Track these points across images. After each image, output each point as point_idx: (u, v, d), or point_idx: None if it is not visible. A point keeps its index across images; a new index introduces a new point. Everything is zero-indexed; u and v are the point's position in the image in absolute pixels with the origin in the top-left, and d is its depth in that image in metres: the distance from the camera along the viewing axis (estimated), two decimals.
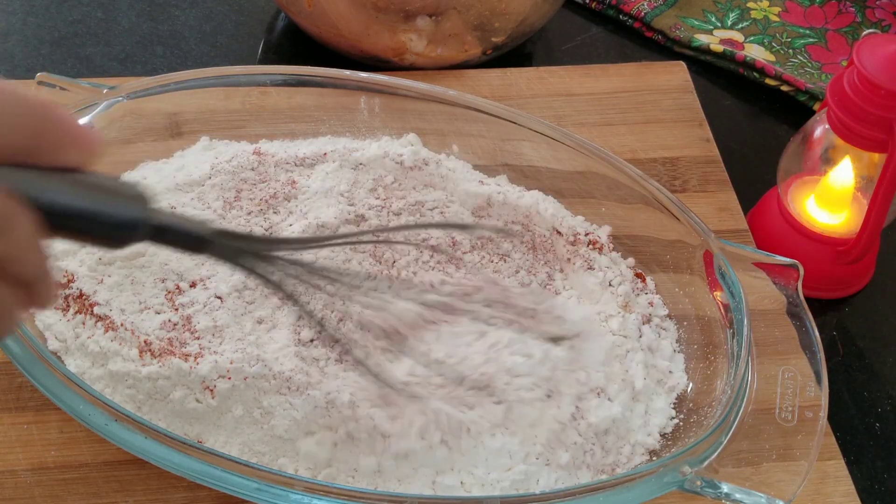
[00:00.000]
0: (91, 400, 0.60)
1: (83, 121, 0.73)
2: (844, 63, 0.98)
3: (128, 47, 0.94)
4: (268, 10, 0.98)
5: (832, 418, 0.72)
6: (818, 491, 0.68)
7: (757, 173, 0.89)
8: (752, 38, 0.99)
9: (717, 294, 0.70)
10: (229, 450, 0.62)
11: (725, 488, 0.61)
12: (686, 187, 0.84)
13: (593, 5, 1.01)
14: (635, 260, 0.75)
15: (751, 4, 1.03)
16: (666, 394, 0.68)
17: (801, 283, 0.70)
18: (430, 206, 0.73)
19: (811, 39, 1.00)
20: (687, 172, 0.85)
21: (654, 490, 0.60)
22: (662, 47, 0.99)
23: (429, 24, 0.87)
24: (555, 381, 0.64)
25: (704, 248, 0.71)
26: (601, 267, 0.73)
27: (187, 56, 0.94)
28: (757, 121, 0.95)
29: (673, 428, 0.67)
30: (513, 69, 0.91)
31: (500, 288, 0.65)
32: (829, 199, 0.80)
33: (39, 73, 0.75)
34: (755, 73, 0.96)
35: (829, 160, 0.79)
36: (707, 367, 0.69)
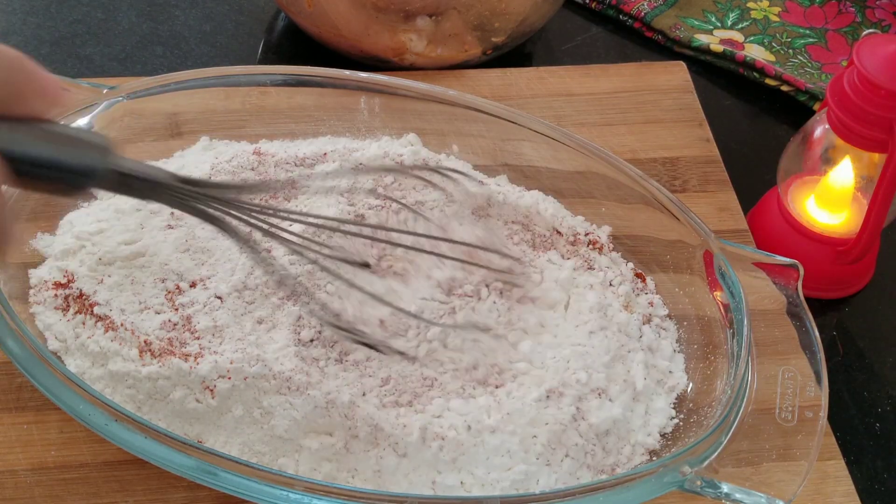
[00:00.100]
0: (91, 400, 0.59)
1: (83, 121, 0.73)
2: (844, 63, 0.98)
3: (128, 47, 0.94)
4: (268, 10, 0.98)
5: (832, 418, 0.72)
6: (818, 491, 0.68)
7: (757, 173, 0.89)
8: (752, 38, 0.99)
9: (717, 294, 0.70)
10: (229, 450, 0.62)
11: (725, 488, 0.61)
12: (686, 187, 0.84)
13: (593, 5, 1.01)
14: (635, 260, 0.75)
15: (751, 4, 1.03)
16: (666, 394, 0.68)
17: (801, 283, 0.70)
18: (430, 206, 0.73)
19: (811, 39, 1.00)
20: (687, 172, 0.85)
21: (654, 490, 0.60)
22: (662, 47, 0.99)
23: (429, 24, 0.87)
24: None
25: (704, 248, 0.71)
26: (601, 267, 0.73)
27: (187, 56, 0.94)
28: (757, 121, 0.95)
29: (673, 428, 0.67)
30: (513, 69, 0.91)
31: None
32: (829, 199, 0.80)
33: None
34: (755, 73, 0.96)
35: (829, 160, 0.79)
36: (707, 367, 0.69)
